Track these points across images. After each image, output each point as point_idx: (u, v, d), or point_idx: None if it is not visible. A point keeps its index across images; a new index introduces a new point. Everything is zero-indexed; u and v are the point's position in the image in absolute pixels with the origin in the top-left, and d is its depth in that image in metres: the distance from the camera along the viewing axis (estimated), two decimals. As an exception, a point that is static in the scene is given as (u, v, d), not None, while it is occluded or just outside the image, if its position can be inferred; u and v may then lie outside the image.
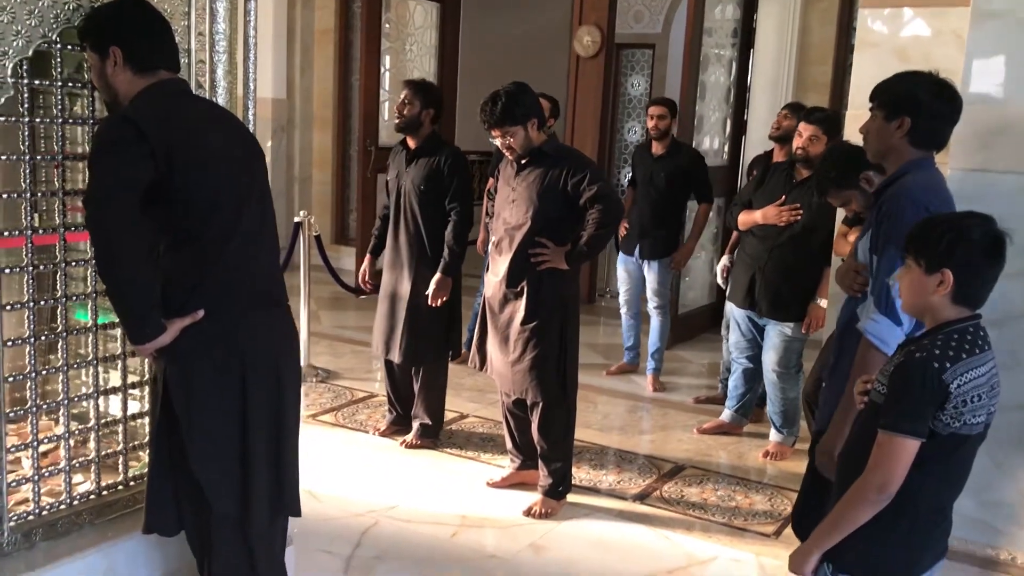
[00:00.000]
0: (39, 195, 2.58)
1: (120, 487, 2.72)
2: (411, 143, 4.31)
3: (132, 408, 2.77)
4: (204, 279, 2.30)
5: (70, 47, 2.46)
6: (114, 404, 2.80)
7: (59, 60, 2.46)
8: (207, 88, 2.71)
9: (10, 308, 2.45)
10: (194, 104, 2.46)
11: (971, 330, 1.94)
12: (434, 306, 4.19)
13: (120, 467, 2.74)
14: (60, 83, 2.48)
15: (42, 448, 2.58)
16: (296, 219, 5.57)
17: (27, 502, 2.53)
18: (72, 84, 2.53)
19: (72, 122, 2.61)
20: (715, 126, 6.93)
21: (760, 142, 6.16)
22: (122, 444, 2.74)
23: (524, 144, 3.61)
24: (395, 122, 4.35)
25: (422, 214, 4.24)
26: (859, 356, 2.49)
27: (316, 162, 9.02)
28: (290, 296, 2.58)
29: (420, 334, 4.30)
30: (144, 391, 2.78)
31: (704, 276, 7.04)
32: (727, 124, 7.09)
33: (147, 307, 2.22)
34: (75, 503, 2.61)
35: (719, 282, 4.99)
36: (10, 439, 2.54)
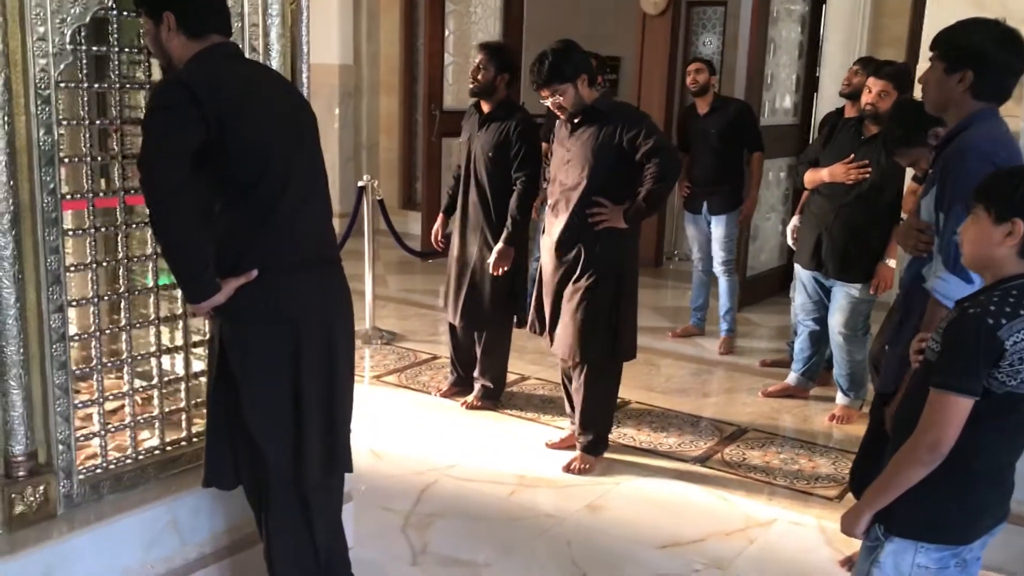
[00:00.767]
0: (99, 159, 2.65)
1: (183, 443, 2.80)
2: (484, 107, 4.29)
3: (195, 367, 2.85)
4: (256, 239, 2.34)
5: (126, 13, 2.50)
6: (178, 363, 2.89)
7: (115, 26, 2.51)
8: (260, 52, 2.73)
9: (74, 270, 2.53)
10: (246, 67, 2.49)
11: (1030, 287, 1.87)
12: (496, 275, 4.21)
13: (183, 423, 2.81)
14: (118, 49, 2.54)
15: (108, 405, 2.67)
16: (360, 183, 5.63)
17: (95, 456, 2.62)
18: (131, 50, 2.58)
19: (131, 87, 2.67)
20: (786, 84, 6.75)
21: (833, 99, 5.99)
22: (185, 401, 2.81)
23: (576, 102, 3.56)
24: (469, 86, 4.33)
25: (489, 180, 4.23)
26: (927, 316, 2.42)
27: (383, 128, 9.04)
28: (354, 260, 2.59)
29: (482, 299, 4.32)
30: (205, 350, 2.85)
31: (775, 237, 6.90)
32: (799, 82, 6.90)
33: (200, 267, 2.27)
34: (140, 458, 2.70)
35: (789, 243, 4.89)
36: (79, 396, 2.64)
